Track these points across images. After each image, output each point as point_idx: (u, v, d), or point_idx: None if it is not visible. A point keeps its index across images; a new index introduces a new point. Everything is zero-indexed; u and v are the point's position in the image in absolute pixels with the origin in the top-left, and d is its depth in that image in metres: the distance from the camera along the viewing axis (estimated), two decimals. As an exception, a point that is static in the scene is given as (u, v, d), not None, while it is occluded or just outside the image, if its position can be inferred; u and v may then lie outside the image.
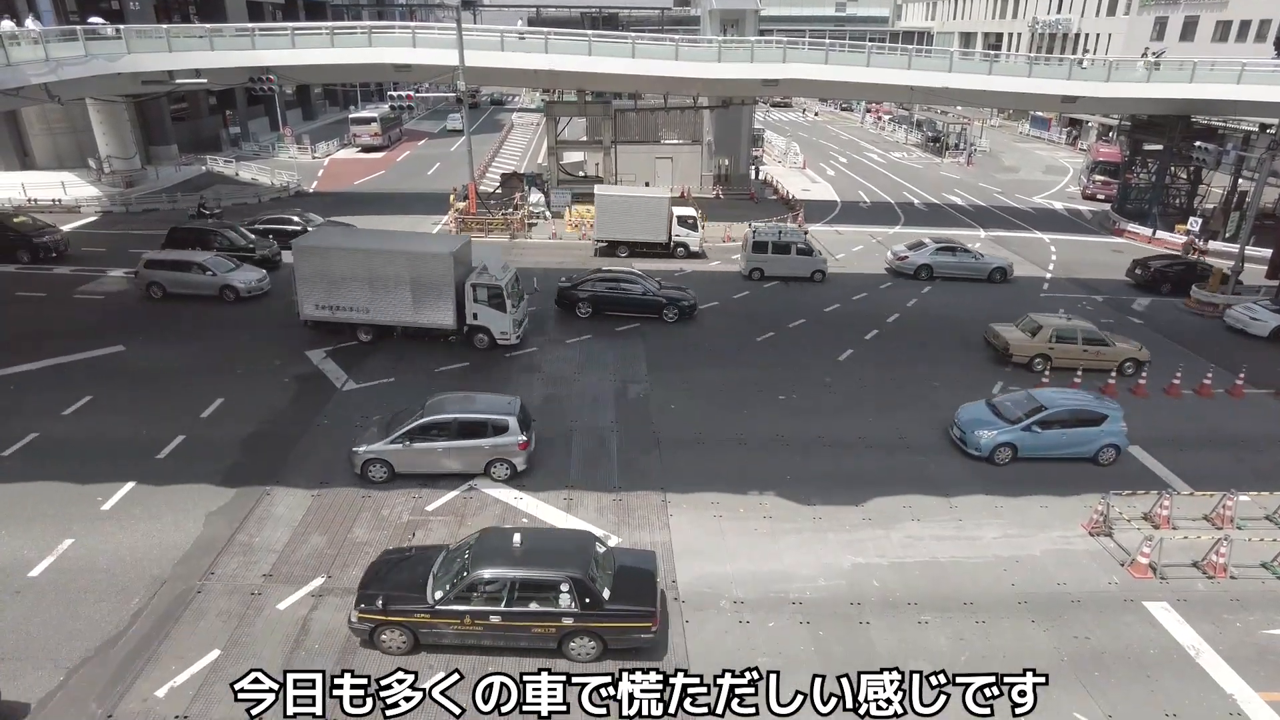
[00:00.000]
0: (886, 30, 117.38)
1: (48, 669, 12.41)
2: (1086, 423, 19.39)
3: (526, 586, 12.58)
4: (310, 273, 23.86)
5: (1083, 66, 39.50)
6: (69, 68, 32.27)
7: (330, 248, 24.19)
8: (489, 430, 17.33)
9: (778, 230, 33.68)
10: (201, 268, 28.21)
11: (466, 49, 36.03)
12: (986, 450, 19.16)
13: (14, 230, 32.31)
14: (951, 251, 34.37)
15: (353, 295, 23.96)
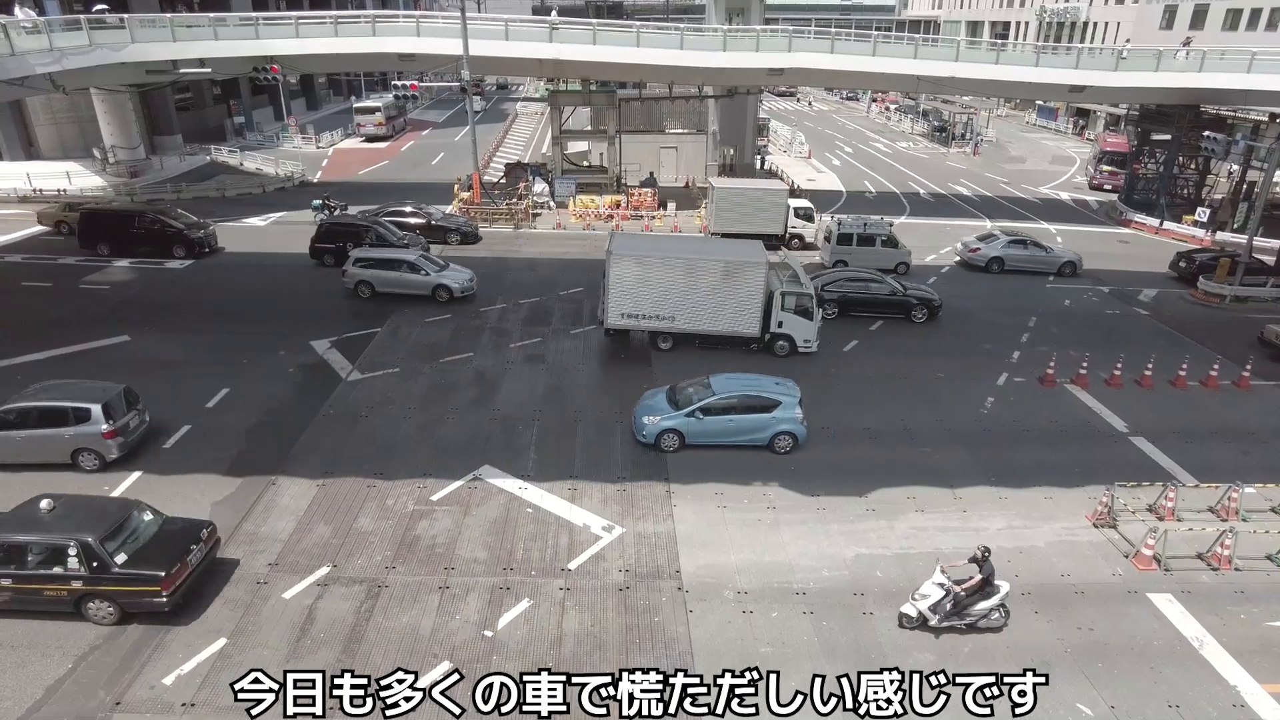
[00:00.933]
0: (893, 19, 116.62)
1: (56, 657, 12.51)
2: (756, 409, 18.76)
3: (38, 551, 12.88)
4: (625, 280, 23.42)
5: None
6: (73, 57, 32.25)
7: (649, 255, 23.69)
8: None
9: (863, 222, 33.45)
10: (413, 267, 27.73)
11: (471, 38, 35.90)
12: (651, 437, 18.69)
13: (173, 226, 32.22)
14: (1023, 244, 34.18)
15: (662, 303, 23.61)
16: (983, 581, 13.39)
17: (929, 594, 13.46)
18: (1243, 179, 42.12)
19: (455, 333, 25.49)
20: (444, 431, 19.55)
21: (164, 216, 32.71)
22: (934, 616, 13.37)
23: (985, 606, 13.42)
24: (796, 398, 19.09)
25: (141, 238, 31.86)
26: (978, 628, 13.55)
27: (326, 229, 32.02)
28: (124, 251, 31.72)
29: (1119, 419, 21.48)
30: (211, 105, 58.99)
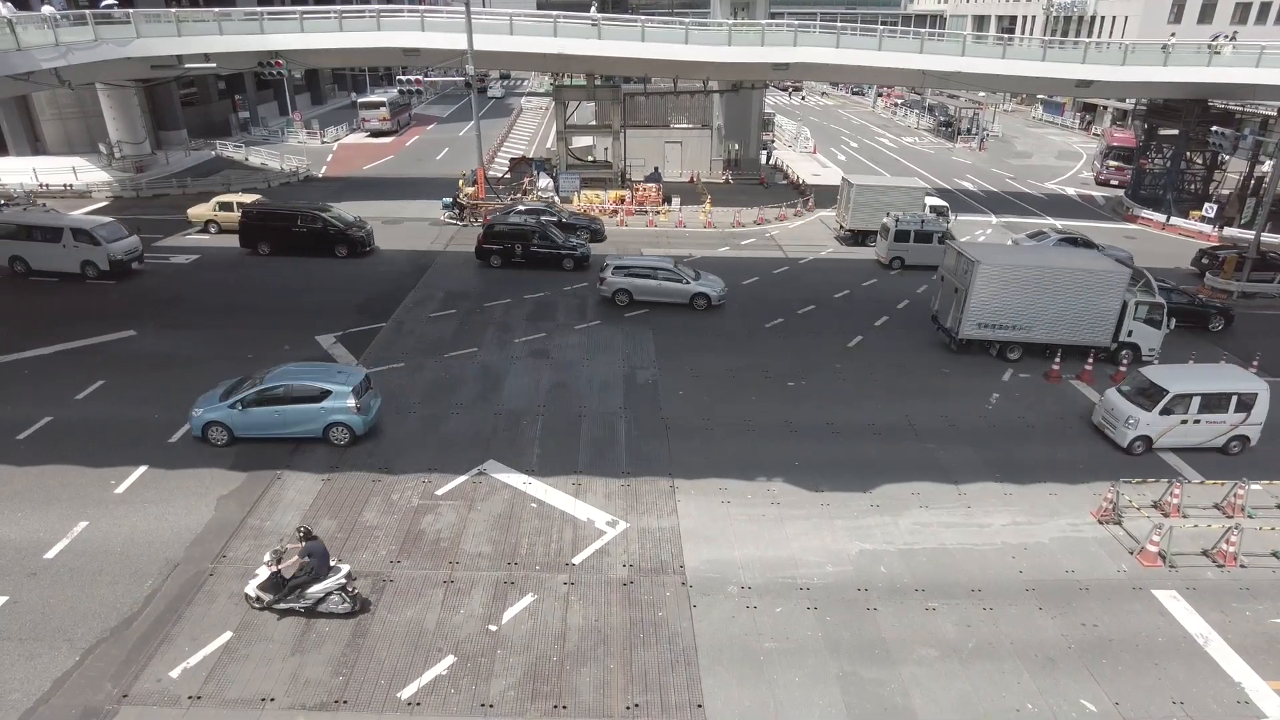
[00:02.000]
0: (898, 13, 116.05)
1: (63, 649, 12.59)
2: (304, 400, 17.91)
3: None
4: (989, 292, 23.40)
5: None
6: (78, 52, 32.26)
7: (1017, 265, 23.64)
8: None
9: (919, 219, 33.44)
10: (671, 274, 27.54)
11: (475, 33, 35.84)
12: (197, 429, 17.98)
13: (334, 225, 32.22)
14: (1074, 243, 34.01)
15: (1021, 313, 23.57)
16: (303, 563, 13.01)
17: (259, 573, 13.46)
18: (1250, 174, 41.89)
19: (460, 328, 25.52)
20: (449, 426, 19.59)
21: (324, 215, 32.55)
22: (267, 596, 13.21)
23: (320, 589, 13.09)
24: (350, 387, 18.01)
25: (304, 237, 31.89)
26: (320, 612, 13.24)
27: (494, 231, 31.73)
28: (285, 251, 31.74)
29: (1124, 415, 21.38)
30: (216, 100, 59.05)
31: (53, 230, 28.53)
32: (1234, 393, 19.00)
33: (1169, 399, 18.89)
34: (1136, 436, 19.18)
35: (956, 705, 12.21)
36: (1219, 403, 19.05)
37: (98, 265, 28.46)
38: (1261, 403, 19.09)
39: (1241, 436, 19.41)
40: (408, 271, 30.81)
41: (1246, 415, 19.12)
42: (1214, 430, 19.27)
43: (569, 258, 31.51)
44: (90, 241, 28.33)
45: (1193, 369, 20.57)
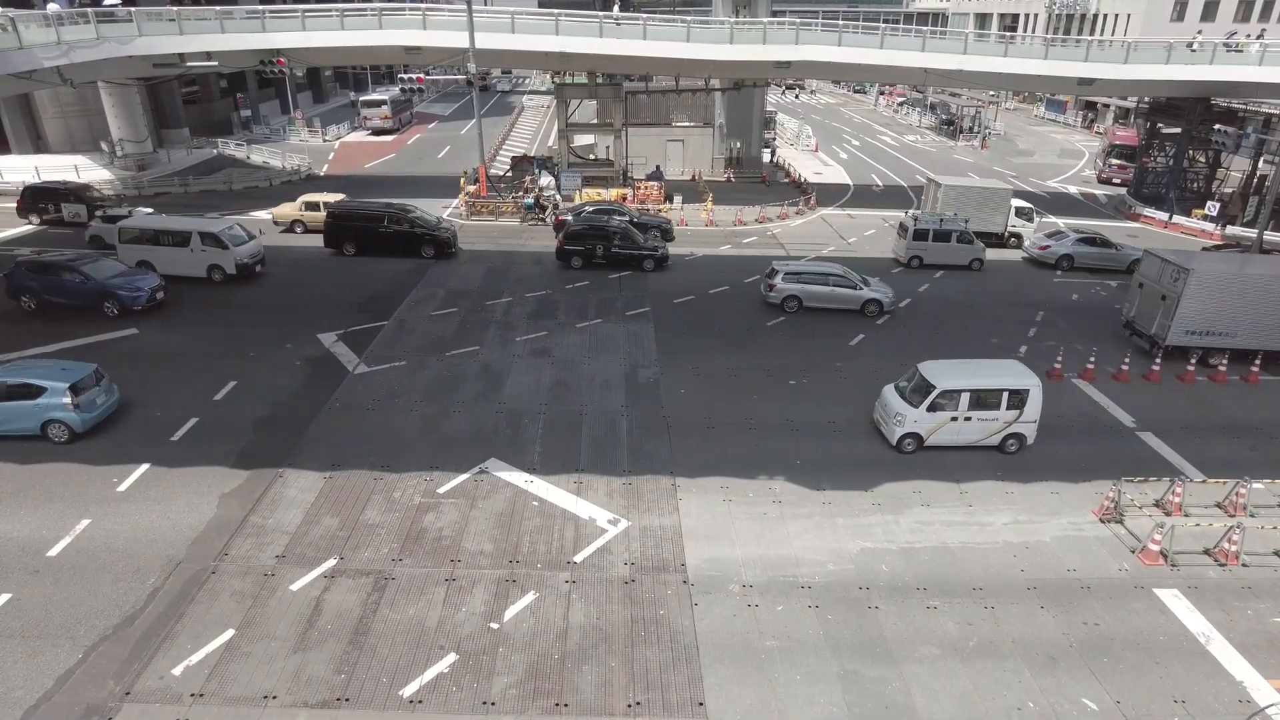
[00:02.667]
0: (900, 11, 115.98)
1: (66, 647, 12.62)
2: (19, 396, 17.48)
3: None
4: (1200, 299, 23.37)
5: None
6: (81, 50, 32.31)
7: (1228, 274, 23.56)
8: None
9: (939, 218, 33.45)
10: (842, 280, 27.31)
11: (477, 31, 35.86)
12: None
13: (420, 225, 32.16)
14: (1092, 242, 34.08)
15: (1227, 320, 23.59)
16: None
17: None
18: (1253, 173, 41.82)
19: (461, 326, 25.54)
20: (450, 425, 19.61)
21: (412, 215, 32.44)
22: None
23: None
24: (65, 384, 17.59)
25: (390, 238, 31.86)
26: None
27: (574, 232, 31.69)
28: (371, 252, 31.70)
29: (1126, 414, 21.41)
30: (218, 98, 59.10)
31: (181, 234, 28.13)
32: (1005, 389, 18.33)
33: (935, 395, 18.24)
34: (905, 434, 18.63)
35: (958, 703, 12.22)
36: (990, 399, 18.38)
37: (224, 269, 28.26)
38: (1034, 400, 18.43)
39: (1017, 434, 18.74)
40: (409, 270, 30.82)
41: (1020, 413, 18.48)
42: (987, 428, 18.65)
43: (650, 258, 31.53)
44: (217, 245, 28.00)
45: (971, 364, 19.69)
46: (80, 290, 24.64)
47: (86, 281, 24.63)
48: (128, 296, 24.79)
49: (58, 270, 24.89)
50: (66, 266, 24.99)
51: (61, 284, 24.75)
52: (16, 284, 24.85)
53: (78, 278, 24.68)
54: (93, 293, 24.63)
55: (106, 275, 25.08)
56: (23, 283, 24.83)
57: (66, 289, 24.73)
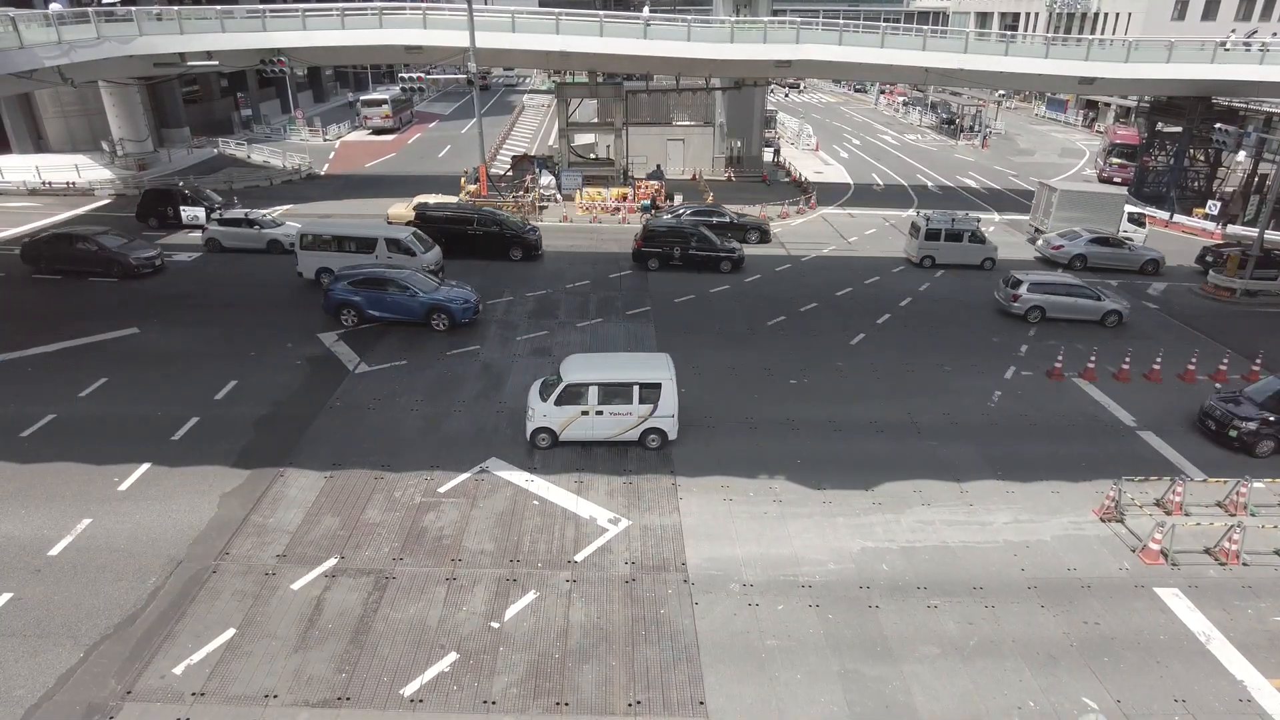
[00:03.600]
0: (901, 10, 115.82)
1: (67, 646, 12.64)
2: None
3: None
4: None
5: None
6: (81, 50, 32.30)
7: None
8: None
9: (950, 218, 33.48)
10: (1086, 291, 27.12)
11: (477, 30, 35.85)
12: None
13: (509, 227, 32.14)
14: (1105, 242, 34.09)
15: None
16: None
17: None
18: (1254, 171, 41.80)
19: (461, 325, 25.51)
20: (451, 424, 19.62)
21: (500, 217, 32.48)
22: None
23: None
24: None
25: (479, 239, 31.85)
26: None
27: (652, 234, 31.64)
28: (460, 254, 31.51)
29: (1127, 413, 21.41)
30: (219, 98, 59.12)
31: (366, 241, 27.63)
32: (636, 383, 17.84)
33: (561, 389, 17.85)
34: (536, 429, 18.14)
35: (958, 702, 12.22)
36: (621, 393, 17.85)
37: None
38: (667, 394, 17.90)
39: (656, 430, 18.19)
40: (410, 269, 30.75)
41: (654, 407, 17.93)
42: (621, 423, 18.04)
43: (727, 260, 31.52)
44: (404, 252, 27.46)
45: (614, 357, 19.52)
46: (407, 305, 24.28)
47: (413, 296, 24.29)
48: (459, 310, 24.46)
49: (383, 284, 24.42)
50: (391, 280, 24.49)
51: (386, 299, 24.41)
52: (339, 299, 24.37)
53: (404, 292, 24.25)
54: (422, 307, 24.31)
55: (431, 289, 24.72)
56: (346, 298, 24.41)
57: (392, 304, 24.38)
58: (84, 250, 28.43)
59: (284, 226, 32.64)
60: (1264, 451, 19.32)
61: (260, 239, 32.15)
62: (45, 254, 28.55)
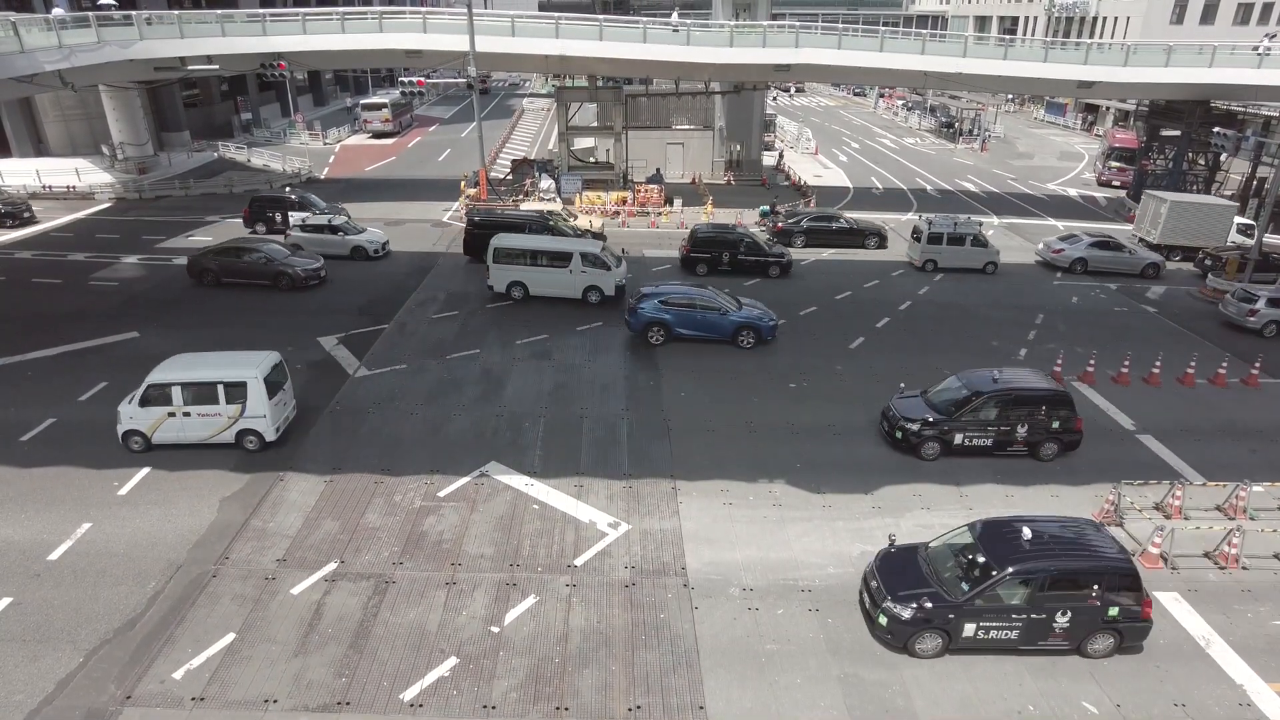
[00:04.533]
0: (900, 14, 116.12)
1: (67, 650, 12.63)
2: None
3: None
4: None
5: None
6: (82, 54, 32.39)
7: None
8: None
9: (952, 222, 33.49)
10: None
11: (477, 34, 35.94)
12: None
13: (564, 233, 31.70)
14: (1106, 246, 34.08)
15: None
16: None
17: None
18: (1253, 175, 41.87)
19: (462, 330, 25.56)
20: (451, 428, 19.63)
21: (552, 223, 32.10)
22: None
23: None
24: None
25: None
26: None
27: (702, 239, 31.53)
28: None
29: (1126, 417, 21.42)
30: (219, 102, 59.21)
31: (562, 255, 27.30)
32: (219, 382, 17.34)
33: (144, 390, 17.23)
34: (126, 431, 17.50)
35: (958, 707, 12.22)
36: (207, 394, 17.38)
37: (602, 291, 27.44)
38: (254, 393, 17.36)
39: (251, 431, 17.69)
40: (410, 273, 30.86)
41: (242, 407, 17.47)
42: (212, 424, 17.56)
43: (775, 264, 31.63)
44: (599, 266, 27.33)
45: (213, 356, 18.56)
46: (718, 323, 24.45)
47: (724, 314, 24.46)
48: (765, 328, 24.65)
49: (693, 304, 24.52)
50: (701, 300, 24.61)
51: (696, 317, 24.50)
52: (649, 317, 24.42)
53: (715, 311, 24.42)
54: (731, 325, 24.51)
55: (738, 308, 24.84)
56: (656, 316, 24.43)
57: (703, 322, 24.52)
58: (252, 263, 28.31)
59: (367, 233, 32.70)
60: (930, 454, 18.64)
61: (344, 245, 32.21)
62: (212, 267, 28.35)
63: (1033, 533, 13.35)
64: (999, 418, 18.58)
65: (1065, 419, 18.69)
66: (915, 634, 12.81)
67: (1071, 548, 13.24)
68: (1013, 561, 12.86)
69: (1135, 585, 12.97)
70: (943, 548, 13.99)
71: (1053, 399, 18.64)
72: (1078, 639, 12.97)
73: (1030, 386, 18.91)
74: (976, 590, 12.74)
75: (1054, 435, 18.75)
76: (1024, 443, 18.74)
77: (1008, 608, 12.72)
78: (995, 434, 18.66)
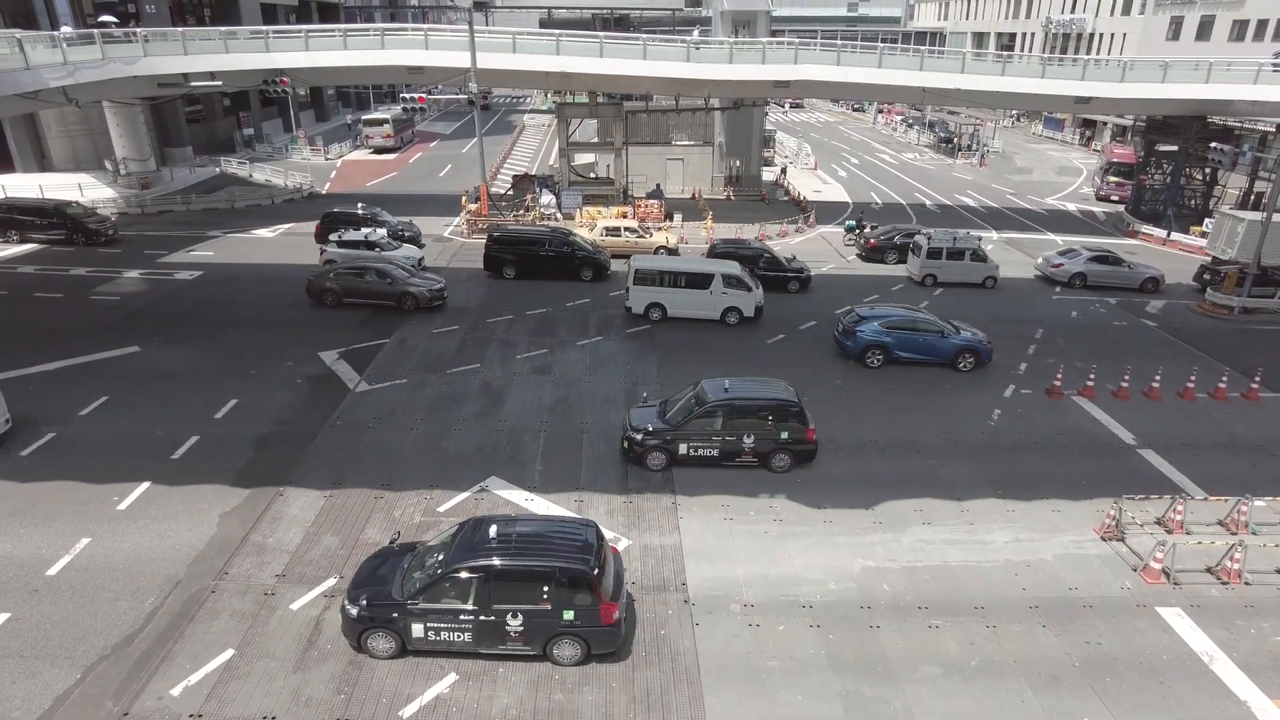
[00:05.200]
0: (899, 30, 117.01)
1: (64, 667, 12.57)
2: None
3: None
4: None
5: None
6: (86, 71, 32.62)
7: None
8: None
9: (952, 236, 33.56)
10: None
11: (479, 51, 36.19)
12: None
13: (581, 250, 32.01)
14: (1105, 260, 34.18)
15: None
16: None
17: None
18: (1250, 189, 42.06)
19: (462, 344, 25.60)
20: (451, 443, 19.61)
21: (573, 239, 32.60)
22: None
23: None
24: None
25: (550, 261, 32.03)
26: None
27: (719, 254, 31.55)
28: (531, 275, 31.99)
29: (1126, 431, 21.42)
30: (221, 117, 59.56)
31: (702, 276, 27.56)
32: None
33: None
34: None
35: (960, 724, 12.15)
36: None
37: (742, 313, 27.60)
38: None
39: None
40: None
41: None
42: None
43: (795, 279, 31.80)
44: (740, 288, 27.43)
45: None
46: (939, 346, 24.61)
47: (944, 337, 24.60)
48: (985, 350, 24.87)
49: (914, 327, 24.73)
50: (922, 323, 24.83)
51: (917, 340, 24.64)
52: (869, 340, 24.58)
53: (936, 334, 24.63)
54: (953, 348, 24.57)
55: (954, 331, 24.94)
56: (877, 339, 24.60)
57: (924, 345, 24.66)
58: (374, 283, 28.13)
59: (404, 248, 32.77)
60: (655, 464, 18.31)
61: None
62: (333, 287, 28.22)
63: (499, 532, 13.10)
64: (724, 427, 18.16)
65: (795, 430, 18.30)
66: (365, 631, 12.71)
67: (533, 544, 13.08)
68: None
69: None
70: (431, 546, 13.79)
71: (780, 409, 18.27)
72: None
73: (755, 396, 18.54)
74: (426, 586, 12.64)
75: (784, 446, 18.33)
76: (752, 453, 18.32)
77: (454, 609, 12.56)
78: (721, 444, 18.23)
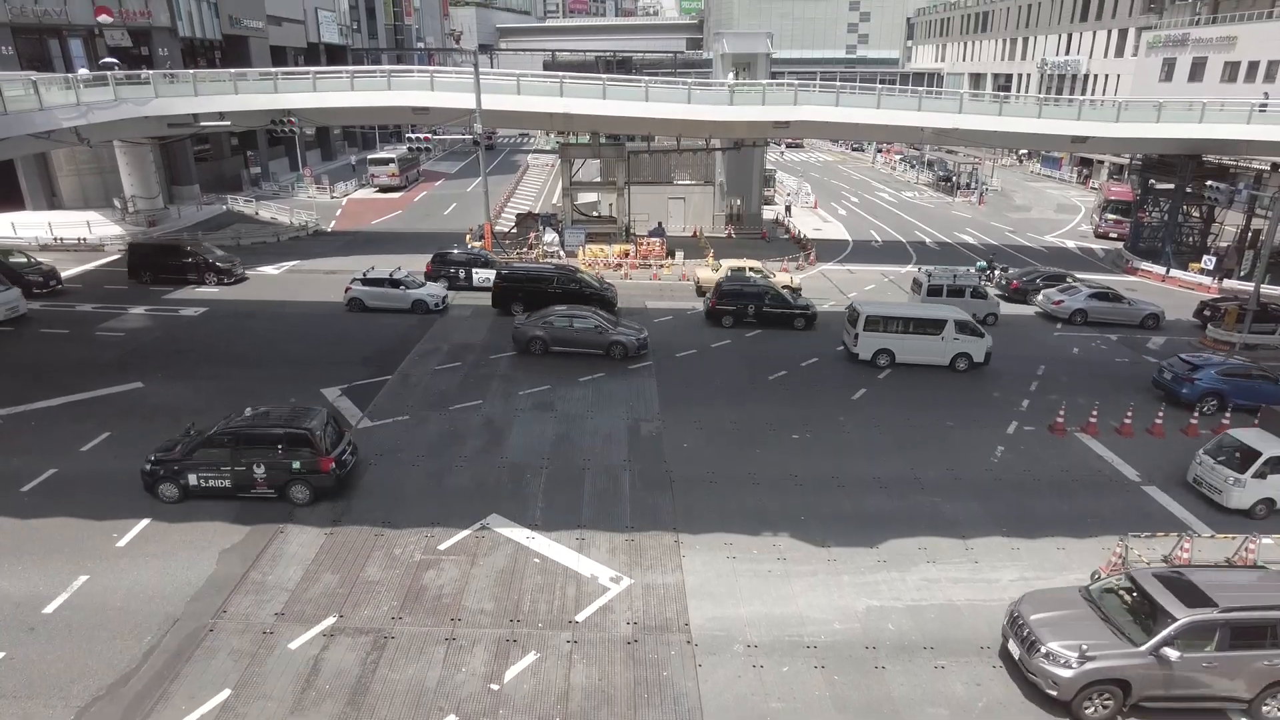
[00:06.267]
0: (897, 72, 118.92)
1: (58, 708, 12.39)
2: None
3: None
4: None
5: None
6: (99, 111, 33.23)
7: None
8: None
9: (952, 274, 33.77)
10: None
11: (483, 92, 36.86)
12: None
13: (588, 286, 31.86)
14: (1105, 297, 34.34)
15: None
16: None
17: None
18: (1247, 226, 42.38)
19: (464, 381, 25.64)
20: (452, 480, 19.55)
21: (580, 277, 32.71)
22: None
23: None
24: None
25: (558, 298, 31.20)
26: None
27: (727, 291, 31.82)
28: None
29: (1131, 468, 21.32)
30: (229, 156, 60.39)
31: (935, 322, 27.38)
32: None
33: None
34: None
35: (969, 769, 11.91)
36: None
37: (972, 358, 27.48)
38: None
39: None
40: (414, 324, 31.07)
41: None
42: None
43: (800, 317, 31.94)
44: (973, 334, 27.46)
45: None
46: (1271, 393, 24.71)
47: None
48: None
49: (1249, 375, 25.05)
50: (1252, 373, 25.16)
51: (1256, 388, 24.79)
52: (1204, 389, 24.73)
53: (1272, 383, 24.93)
54: None
55: None
56: (1215, 386, 24.76)
57: (1261, 393, 24.74)
58: (583, 330, 27.75)
59: (427, 287, 33.13)
60: (168, 496, 17.68)
61: (405, 299, 32.48)
62: (542, 335, 27.69)
63: None
64: (232, 457, 17.48)
65: (307, 459, 17.61)
66: None
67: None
68: None
69: None
70: None
71: (290, 439, 17.62)
72: None
73: (259, 425, 18.01)
74: None
75: (298, 476, 17.66)
76: (267, 484, 17.65)
77: None
78: (231, 474, 17.55)
